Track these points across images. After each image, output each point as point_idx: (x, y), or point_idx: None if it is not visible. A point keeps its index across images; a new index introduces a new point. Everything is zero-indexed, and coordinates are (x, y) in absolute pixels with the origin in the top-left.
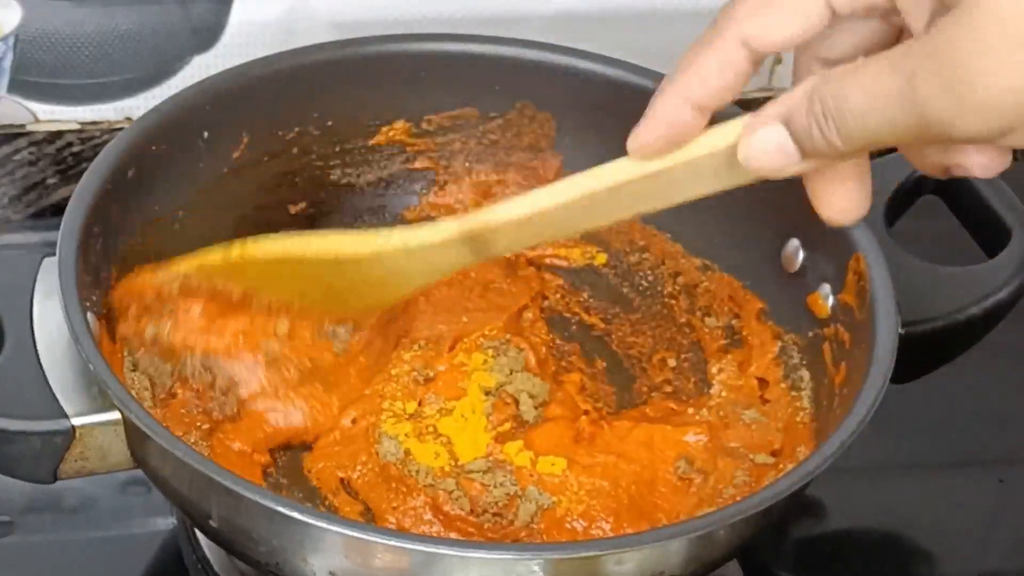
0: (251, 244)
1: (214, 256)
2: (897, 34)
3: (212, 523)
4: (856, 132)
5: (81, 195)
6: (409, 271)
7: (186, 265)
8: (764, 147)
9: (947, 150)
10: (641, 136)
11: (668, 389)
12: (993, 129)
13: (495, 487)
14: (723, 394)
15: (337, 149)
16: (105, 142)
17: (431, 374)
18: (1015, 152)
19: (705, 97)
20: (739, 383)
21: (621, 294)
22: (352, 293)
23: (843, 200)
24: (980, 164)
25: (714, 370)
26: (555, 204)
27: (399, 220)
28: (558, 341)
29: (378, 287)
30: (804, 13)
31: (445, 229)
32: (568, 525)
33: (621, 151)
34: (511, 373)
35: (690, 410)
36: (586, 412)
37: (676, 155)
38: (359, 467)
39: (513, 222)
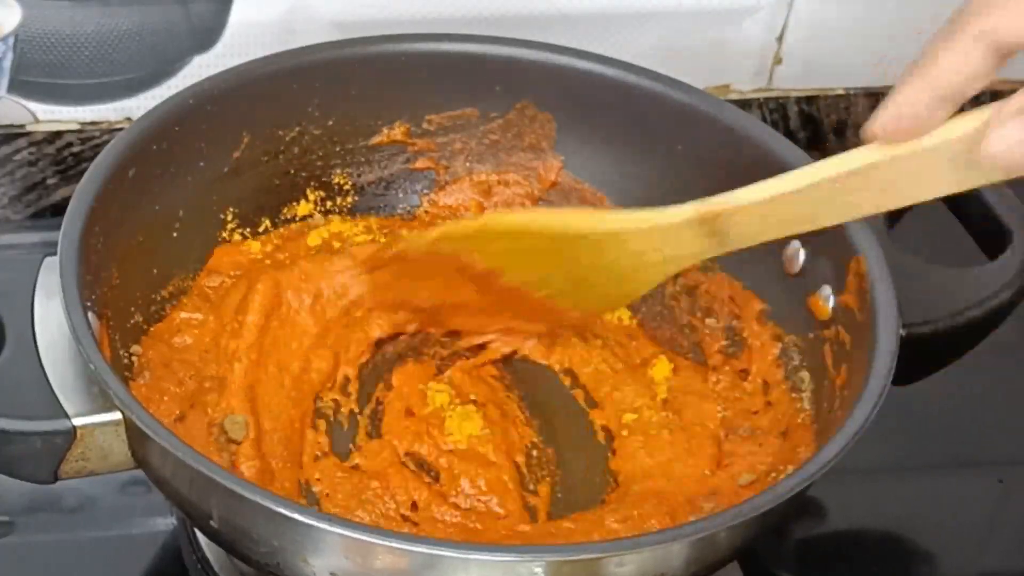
0: (493, 216)
1: (460, 224)
2: None
3: (212, 523)
4: None
5: (81, 195)
6: (647, 257)
7: (435, 233)
8: (1012, 140)
9: None
10: (882, 119)
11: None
12: None
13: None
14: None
15: (337, 149)
16: (105, 142)
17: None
18: None
19: (946, 89)
20: (737, 395)
21: None
22: (593, 281)
23: None
24: None
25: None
26: (795, 188)
27: (399, 220)
28: None
29: (617, 275)
30: None
31: (683, 211)
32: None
33: (622, 151)
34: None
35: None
36: None
37: (916, 142)
38: None
39: (753, 207)
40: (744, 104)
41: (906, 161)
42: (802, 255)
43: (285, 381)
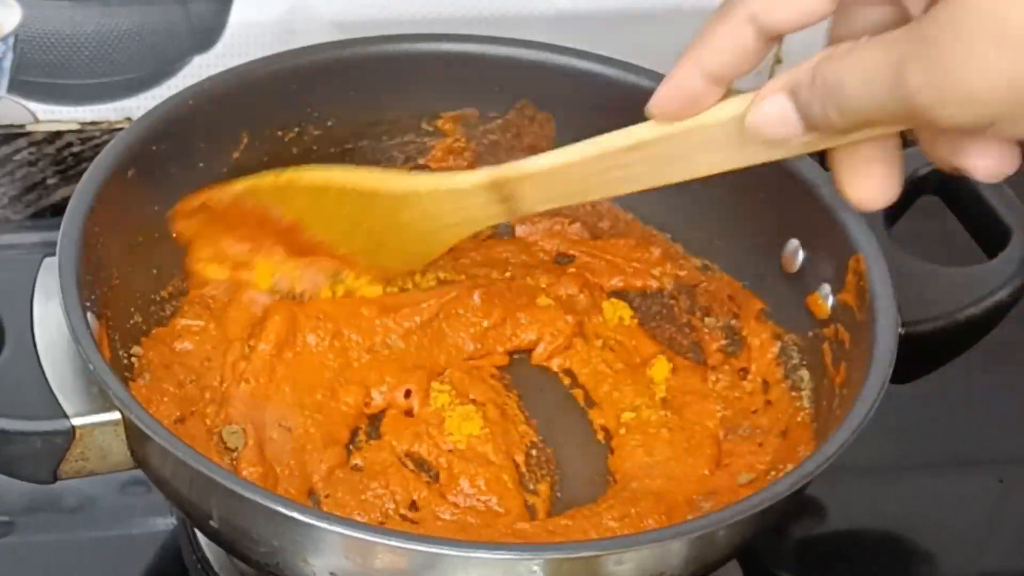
0: (298, 170)
1: (265, 179)
2: (907, 18)
3: (212, 523)
4: (850, 110)
5: (81, 195)
6: (442, 217)
7: (240, 185)
8: (769, 116)
9: (954, 148)
10: (658, 99)
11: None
12: (977, 119)
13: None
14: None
15: (337, 149)
16: (105, 142)
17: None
18: None
19: (716, 68)
20: (736, 394)
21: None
22: (391, 240)
23: (867, 184)
24: (983, 167)
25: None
26: (579, 159)
27: None
28: None
29: (414, 235)
30: None
31: (476, 176)
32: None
33: None
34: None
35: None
36: None
37: (691, 120)
38: None
39: (540, 174)
40: None
41: (679, 138)
42: (801, 254)
43: (305, 401)
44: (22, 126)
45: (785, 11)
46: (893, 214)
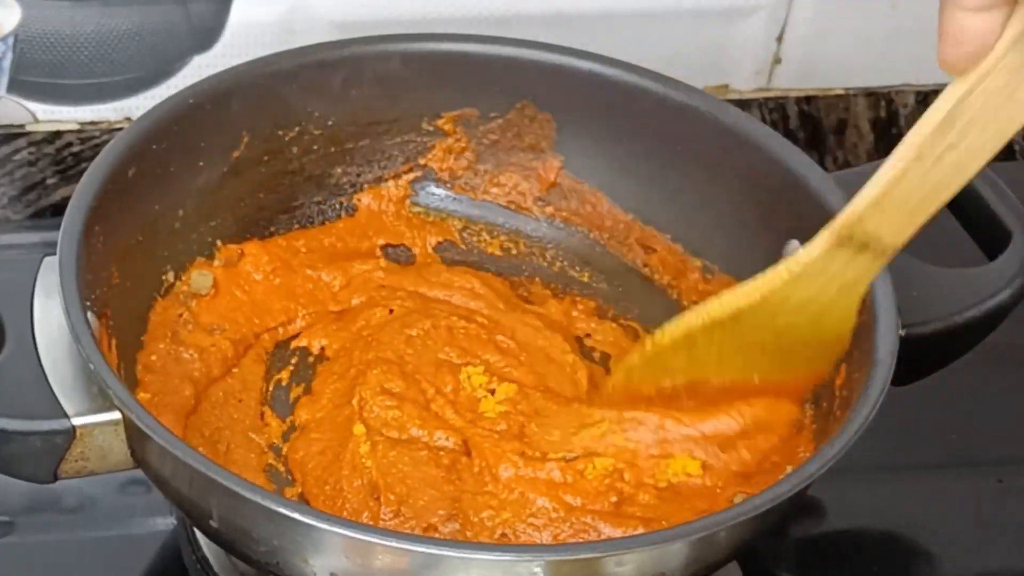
0: (657, 334)
1: (632, 360)
2: None
3: (212, 523)
4: None
5: (81, 195)
6: (818, 299)
7: (619, 375)
8: None
9: None
10: (942, 56)
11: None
12: None
13: None
14: None
15: (337, 149)
16: (105, 142)
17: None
18: (1017, 152)
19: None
20: None
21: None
22: (791, 345)
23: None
24: None
25: None
26: (907, 160)
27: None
28: None
29: (806, 331)
30: None
31: (818, 242)
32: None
33: (621, 151)
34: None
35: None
36: None
37: (984, 62)
38: None
39: (878, 199)
40: (744, 104)
41: (985, 86)
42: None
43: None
44: (22, 126)
45: None
46: None
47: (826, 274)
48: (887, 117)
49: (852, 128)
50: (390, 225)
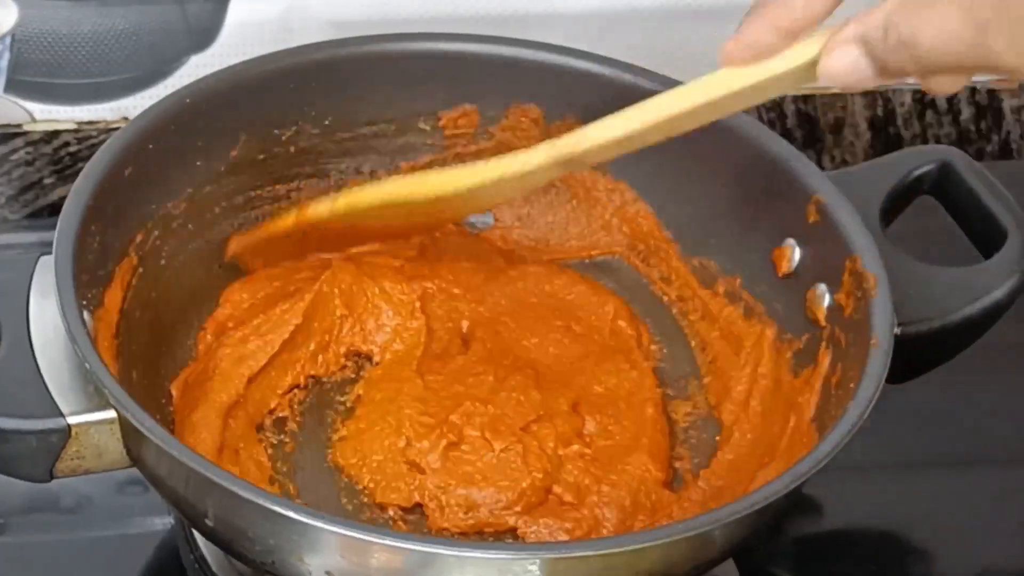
0: (354, 193)
1: (321, 207)
2: None
3: (208, 522)
4: (928, 62)
5: (78, 194)
6: (501, 193)
7: (296, 216)
8: (842, 66)
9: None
10: (729, 51)
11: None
12: None
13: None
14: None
15: (335, 148)
16: (102, 142)
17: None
18: (1013, 150)
19: (790, 23)
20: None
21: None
22: (450, 211)
23: (939, 80)
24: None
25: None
26: (647, 124)
27: None
28: None
29: (472, 203)
30: None
31: (539, 154)
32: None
33: None
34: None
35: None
36: None
37: (763, 70)
38: None
39: (607, 143)
40: None
41: (758, 86)
42: (797, 254)
43: None
44: (19, 126)
45: None
46: (889, 215)
47: (527, 181)
48: (884, 116)
49: (849, 127)
50: None
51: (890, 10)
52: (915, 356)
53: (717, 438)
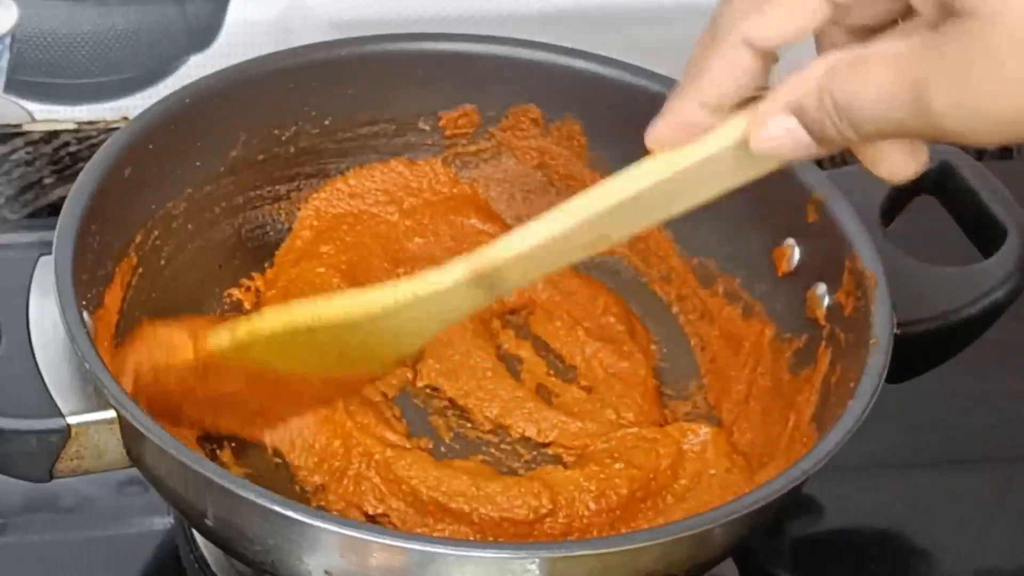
0: (256, 319)
1: (221, 338)
2: (908, 10)
3: (208, 522)
4: (868, 127)
5: (77, 194)
6: (421, 319)
7: (194, 351)
8: (776, 139)
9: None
10: (657, 133)
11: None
12: (1005, 138)
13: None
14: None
15: (335, 148)
16: (102, 142)
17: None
18: (1013, 150)
19: (718, 98)
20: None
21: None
22: (367, 351)
23: (893, 160)
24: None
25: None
26: (573, 224)
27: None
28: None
29: (392, 340)
30: (802, 8)
31: (453, 271)
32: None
33: (620, 150)
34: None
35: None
36: None
37: (694, 152)
38: None
39: (526, 253)
40: None
41: (692, 173)
42: (797, 253)
43: None
44: (19, 125)
45: (779, 27)
46: (889, 214)
47: (443, 302)
48: None
49: None
50: None
51: (823, 71)
52: (915, 356)
53: None
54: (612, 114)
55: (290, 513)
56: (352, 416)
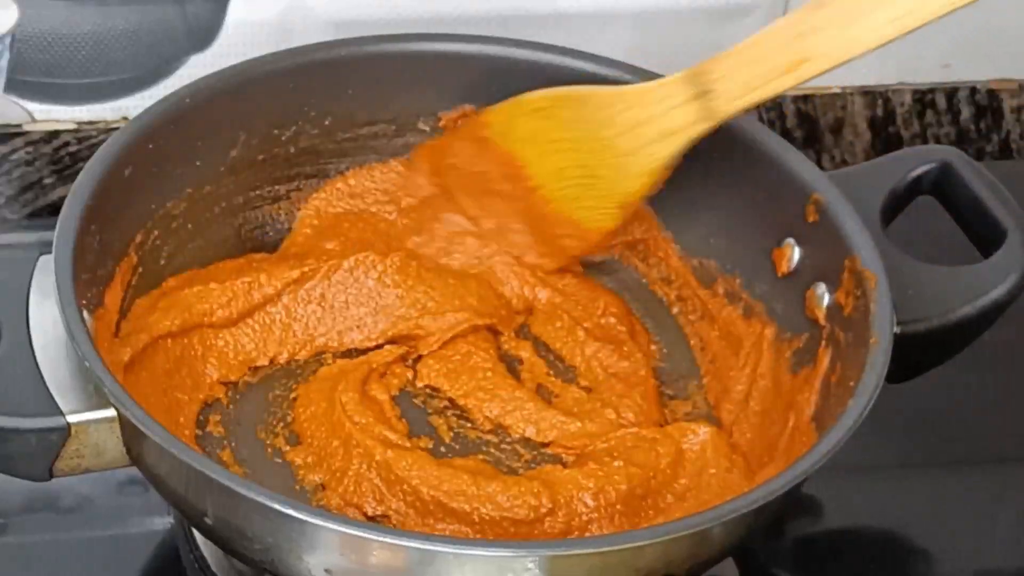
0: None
1: (497, 108)
2: None
3: (207, 520)
4: None
5: (77, 193)
6: (643, 130)
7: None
8: None
9: None
10: None
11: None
12: None
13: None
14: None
15: (334, 148)
16: (102, 142)
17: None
18: (1013, 150)
19: None
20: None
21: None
22: (599, 170)
23: None
24: None
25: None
26: (768, 31)
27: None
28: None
29: (619, 160)
30: None
31: (674, 76)
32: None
33: None
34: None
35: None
36: None
37: None
38: None
39: (733, 54)
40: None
41: None
42: (797, 253)
43: None
44: (19, 126)
45: None
46: (889, 214)
47: (660, 104)
48: (884, 116)
49: (849, 127)
50: None
51: None
52: (915, 355)
53: None
54: None
55: (290, 511)
56: (352, 416)
